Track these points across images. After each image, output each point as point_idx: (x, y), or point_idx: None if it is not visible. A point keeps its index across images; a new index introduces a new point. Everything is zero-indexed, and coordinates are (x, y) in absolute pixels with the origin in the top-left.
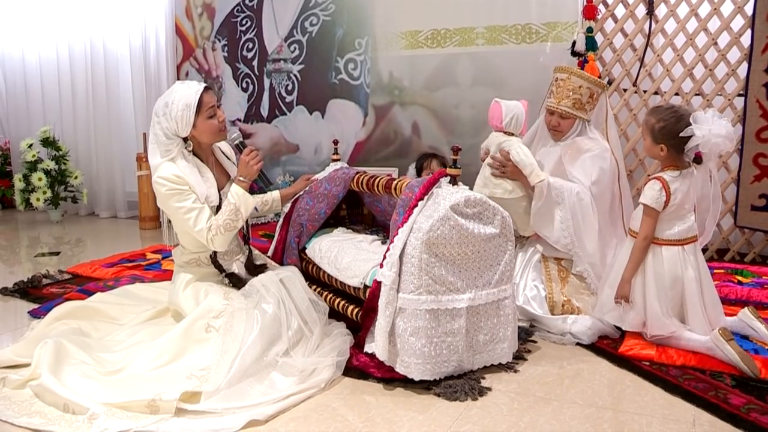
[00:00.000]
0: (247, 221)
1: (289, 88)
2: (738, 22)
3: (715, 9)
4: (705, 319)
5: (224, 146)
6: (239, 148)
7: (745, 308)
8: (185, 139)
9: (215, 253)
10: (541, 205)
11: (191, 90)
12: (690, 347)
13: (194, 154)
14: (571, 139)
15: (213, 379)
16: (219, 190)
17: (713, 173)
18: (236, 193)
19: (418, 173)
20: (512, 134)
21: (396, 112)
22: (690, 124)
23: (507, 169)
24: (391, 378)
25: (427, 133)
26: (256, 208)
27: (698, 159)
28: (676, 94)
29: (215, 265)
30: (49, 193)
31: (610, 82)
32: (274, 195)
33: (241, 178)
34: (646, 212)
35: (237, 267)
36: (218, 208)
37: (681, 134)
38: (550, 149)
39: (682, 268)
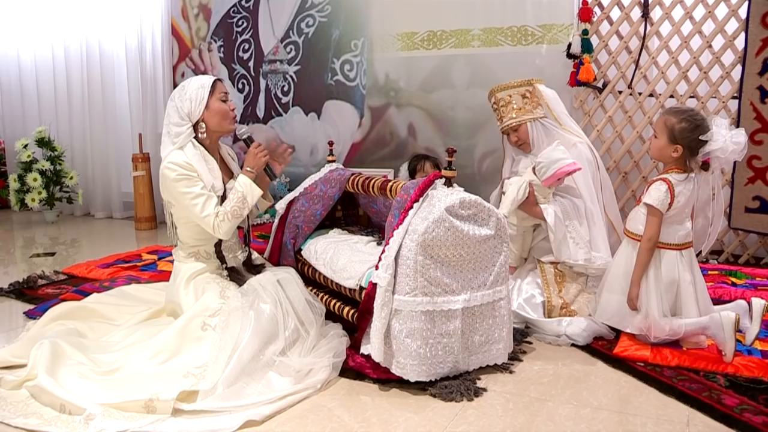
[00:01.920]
0: (248, 223)
1: (285, 89)
2: (732, 25)
3: (709, 12)
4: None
5: (229, 149)
6: (247, 143)
7: (764, 301)
8: (195, 128)
9: (220, 242)
10: (559, 238)
11: (206, 77)
12: (690, 332)
13: (202, 145)
14: (539, 144)
15: (210, 376)
16: (224, 185)
17: (717, 182)
18: (243, 182)
19: (411, 175)
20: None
21: (392, 114)
22: (708, 129)
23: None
24: (387, 379)
25: (423, 135)
26: (256, 206)
27: (705, 165)
28: (671, 96)
29: (218, 255)
30: (44, 194)
31: (605, 84)
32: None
33: (249, 169)
34: (650, 213)
35: (235, 264)
36: (222, 198)
37: (701, 137)
38: (530, 158)
39: (679, 271)
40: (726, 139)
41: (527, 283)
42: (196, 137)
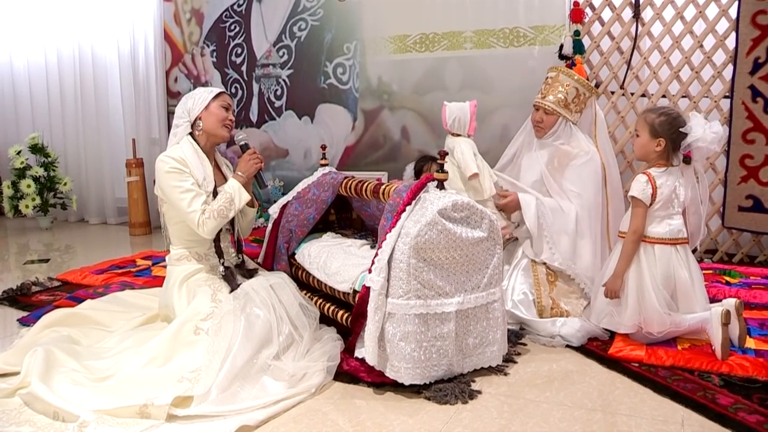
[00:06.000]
0: (238, 231)
1: (278, 93)
2: (723, 25)
3: (700, 12)
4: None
5: (225, 159)
6: (243, 150)
7: (720, 308)
8: (193, 126)
9: (218, 237)
10: (537, 233)
11: (216, 88)
12: (691, 327)
13: (198, 143)
14: (553, 138)
15: (204, 380)
16: (215, 185)
17: (700, 174)
18: (233, 185)
19: (417, 176)
20: (459, 135)
21: (385, 117)
22: (685, 122)
23: (505, 201)
24: (381, 382)
25: (416, 137)
26: (241, 214)
27: (687, 159)
28: (663, 96)
29: (217, 251)
30: (38, 200)
31: (597, 85)
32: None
33: (240, 173)
34: (634, 205)
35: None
36: (214, 195)
37: (681, 129)
38: (534, 154)
39: (674, 267)
40: (704, 129)
41: (520, 283)
42: (192, 135)
